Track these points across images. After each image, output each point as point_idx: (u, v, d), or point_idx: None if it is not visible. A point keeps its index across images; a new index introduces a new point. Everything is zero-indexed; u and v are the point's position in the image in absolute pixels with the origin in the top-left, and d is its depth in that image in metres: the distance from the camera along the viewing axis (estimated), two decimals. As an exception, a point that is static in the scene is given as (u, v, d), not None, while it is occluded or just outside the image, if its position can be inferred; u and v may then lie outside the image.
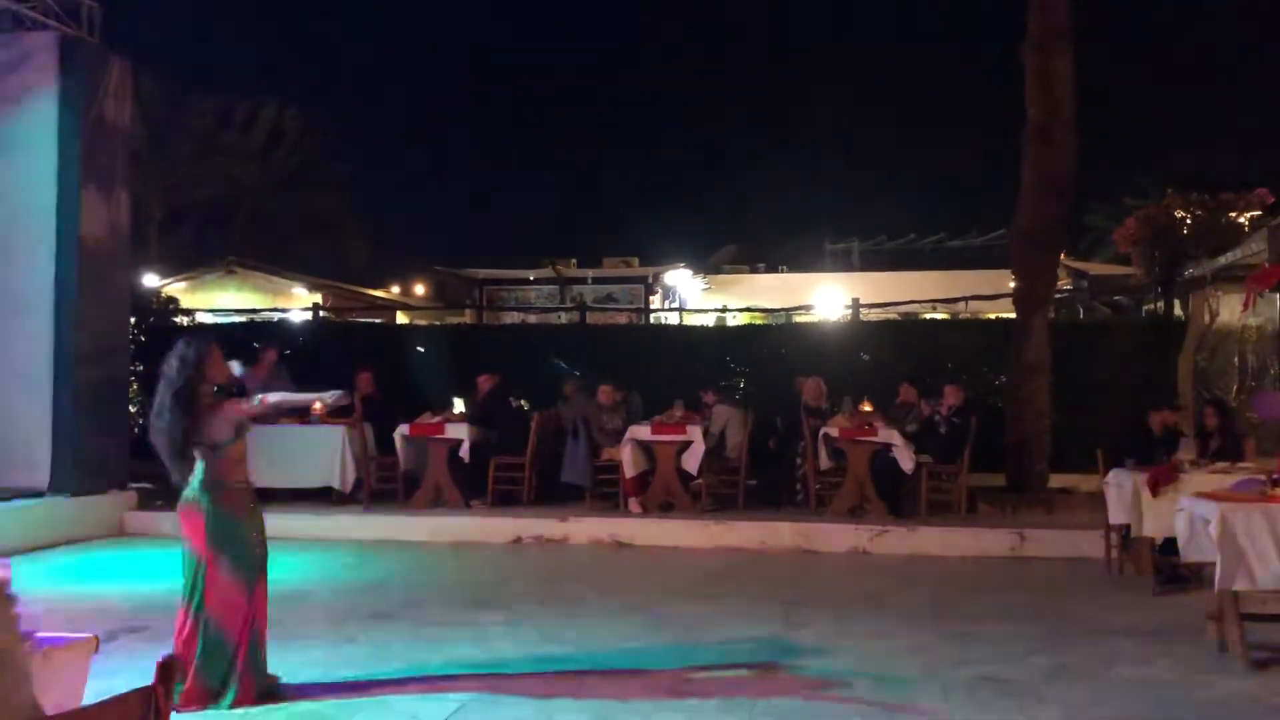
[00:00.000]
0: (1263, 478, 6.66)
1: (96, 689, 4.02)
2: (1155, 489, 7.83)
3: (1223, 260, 11.67)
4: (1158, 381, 11.88)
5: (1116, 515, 8.38)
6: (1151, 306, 14.74)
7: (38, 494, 10.04)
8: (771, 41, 57.64)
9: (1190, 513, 6.43)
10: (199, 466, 5.09)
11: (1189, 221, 13.72)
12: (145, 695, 2.24)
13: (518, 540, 10.09)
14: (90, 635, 3.81)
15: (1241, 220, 13.79)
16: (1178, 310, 13.04)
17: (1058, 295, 15.18)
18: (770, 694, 5.28)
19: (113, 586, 8.01)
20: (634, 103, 60.75)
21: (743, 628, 6.77)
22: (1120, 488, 8.28)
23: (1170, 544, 7.29)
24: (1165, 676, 5.69)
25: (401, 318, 23.80)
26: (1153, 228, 13.78)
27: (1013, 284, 11.77)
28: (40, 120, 10.42)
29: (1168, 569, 7.89)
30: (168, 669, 2.34)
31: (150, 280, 22.04)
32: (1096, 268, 21.86)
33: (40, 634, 3.52)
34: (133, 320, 12.64)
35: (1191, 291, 12.41)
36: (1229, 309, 11.74)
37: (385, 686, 5.36)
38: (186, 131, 30.05)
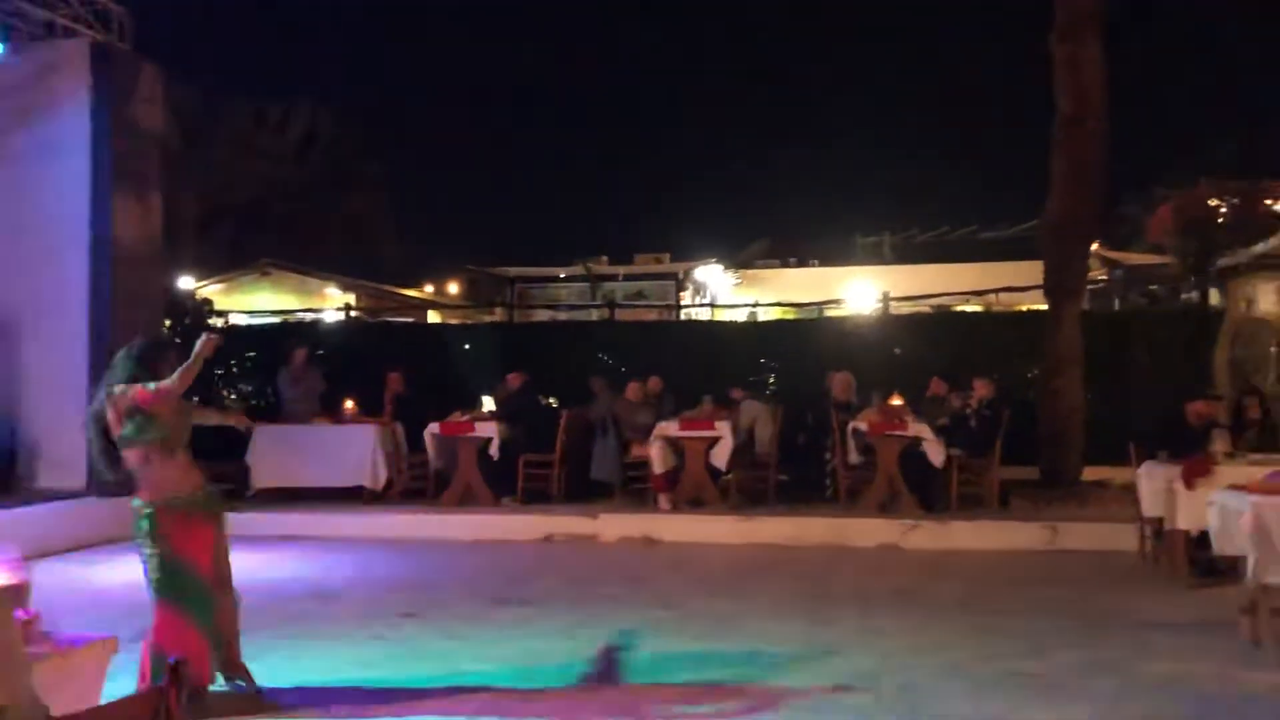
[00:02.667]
0: (1297, 469, 6.55)
1: (120, 688, 4.07)
2: (1190, 482, 7.70)
3: (1258, 249, 11.48)
4: (1193, 372, 11.71)
5: (1150, 508, 8.28)
6: (1187, 296, 14.53)
7: (77, 495, 10.17)
8: (802, 35, 57.44)
9: (1223, 505, 6.33)
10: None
11: (1224, 210, 13.52)
12: (155, 696, 2.26)
13: (548, 538, 10.12)
14: (110, 636, 3.85)
15: (1278, 208, 13.57)
16: (1214, 299, 12.84)
17: (1092, 286, 14.98)
18: (798, 693, 5.26)
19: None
20: (666, 98, 60.81)
21: (772, 624, 6.75)
22: (1153, 480, 8.17)
23: (1206, 537, 7.18)
24: (1198, 671, 5.61)
25: (433, 316, 23.89)
26: (1185, 217, 13.59)
27: (1044, 275, 11.64)
28: (73, 126, 10.56)
29: (1203, 562, 7.77)
30: (179, 671, 2.36)
31: (187, 282, 22.24)
32: (1133, 258, 21.53)
33: (60, 634, 3.56)
34: (168, 322, 12.78)
35: (1227, 281, 12.22)
36: (1266, 298, 11.55)
37: (409, 698, 5.26)
38: (222, 134, 30.31)
